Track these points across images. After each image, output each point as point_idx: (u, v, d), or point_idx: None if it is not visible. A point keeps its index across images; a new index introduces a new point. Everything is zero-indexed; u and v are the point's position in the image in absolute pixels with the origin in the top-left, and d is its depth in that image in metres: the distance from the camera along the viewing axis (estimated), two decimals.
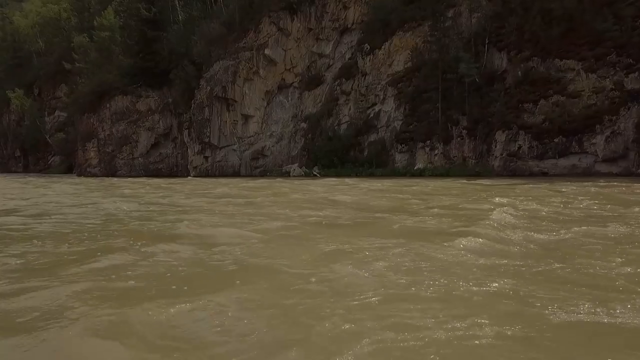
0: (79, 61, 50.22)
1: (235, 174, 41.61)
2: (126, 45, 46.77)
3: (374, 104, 39.12)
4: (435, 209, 10.58)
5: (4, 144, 77.76)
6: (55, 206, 13.43)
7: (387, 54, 38.70)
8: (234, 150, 41.85)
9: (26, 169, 72.00)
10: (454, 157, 33.57)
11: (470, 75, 32.15)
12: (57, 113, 69.82)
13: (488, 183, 21.89)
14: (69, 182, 33.63)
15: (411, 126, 35.97)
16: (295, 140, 41.52)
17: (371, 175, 35.85)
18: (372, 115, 38.97)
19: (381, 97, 38.61)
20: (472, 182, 22.78)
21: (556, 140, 28.74)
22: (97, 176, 45.02)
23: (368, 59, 39.66)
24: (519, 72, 31.49)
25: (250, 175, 41.36)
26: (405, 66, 37.83)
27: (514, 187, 18.40)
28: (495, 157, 31.48)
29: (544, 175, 28.43)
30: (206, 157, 41.96)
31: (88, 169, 45.95)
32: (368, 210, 10.85)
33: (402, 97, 37.12)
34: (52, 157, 68.35)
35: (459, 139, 33.45)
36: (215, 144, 41.41)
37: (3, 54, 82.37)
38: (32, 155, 72.22)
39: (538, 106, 29.90)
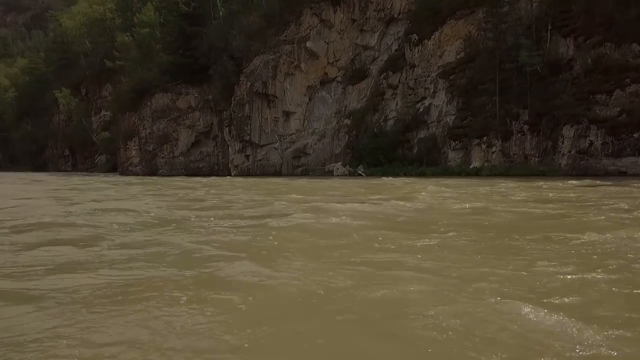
0: (119, 59, 50.05)
1: (277, 173, 40.00)
2: (166, 42, 46.09)
3: (424, 98, 36.53)
4: None
5: (54, 143, 79.62)
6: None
7: (437, 44, 36.00)
8: (275, 148, 40.23)
9: (74, 168, 73.33)
10: (514, 154, 30.60)
11: (532, 64, 29.08)
12: (102, 112, 70.61)
13: (609, 184, 17.72)
14: (116, 182, 32.66)
15: (465, 121, 33.18)
16: (338, 138, 39.47)
17: (422, 174, 33.31)
18: (421, 109, 36.39)
19: (431, 90, 35.97)
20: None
21: (635, 135, 25.38)
22: (139, 175, 44.50)
23: (416, 50, 37.08)
24: (589, 60, 28.16)
25: (292, 174, 39.61)
26: (458, 57, 35.04)
27: None
28: (562, 154, 28.33)
29: (622, 175, 25.13)
30: (247, 156, 40.57)
31: (130, 168, 45.59)
32: None
33: (454, 89, 34.37)
34: (98, 155, 69.22)
35: (519, 134, 30.44)
36: (256, 142, 39.93)
37: (53, 55, 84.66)
38: (79, 154, 73.50)
39: (613, 97, 26.56)
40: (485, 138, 31.72)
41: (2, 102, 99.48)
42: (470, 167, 31.63)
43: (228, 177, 36.86)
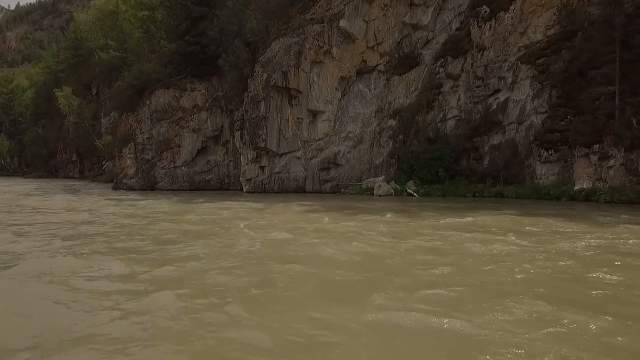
0: (114, 49, 42.32)
1: (299, 189, 31.13)
2: (169, 27, 37.95)
3: (497, 91, 27.03)
4: None
5: (63, 147, 73.35)
6: None
7: (517, 18, 26.41)
8: (298, 158, 31.34)
9: (82, 175, 66.70)
10: None
11: None
12: (112, 114, 63.48)
13: None
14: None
15: (563, 122, 23.47)
16: (379, 144, 30.30)
17: (499, 195, 23.95)
18: (494, 106, 26.88)
19: (509, 80, 26.40)
20: None
21: None
22: (134, 189, 36.49)
23: (487, 27, 27.59)
24: None
25: (319, 191, 30.69)
26: (548, 33, 25.40)
27: None
28: None
29: None
30: (262, 167, 31.82)
31: (124, 180, 37.57)
32: None
33: (545, 78, 24.69)
34: (105, 162, 62.08)
35: None
36: (274, 149, 31.13)
37: (67, 53, 78.83)
38: (87, 160, 66.70)
39: None
40: (597, 146, 21.88)
41: (19, 104, 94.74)
42: (576, 188, 21.85)
43: (237, 200, 28.21)
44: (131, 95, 38.64)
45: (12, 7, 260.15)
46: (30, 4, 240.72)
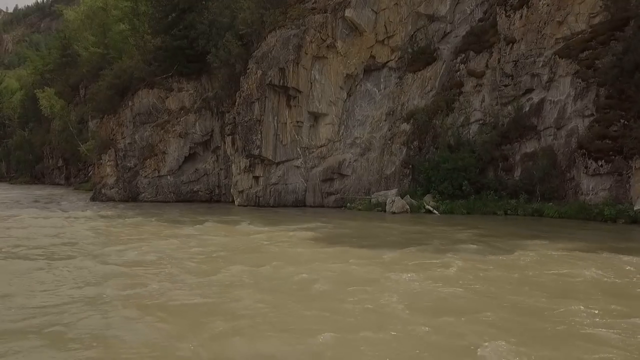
0: (95, 45, 38.57)
1: (299, 202, 27.22)
2: (153, 20, 34.12)
3: (530, 90, 23.19)
4: None
5: (49, 152, 69.48)
6: None
7: (555, 5, 22.61)
8: (297, 167, 27.43)
9: (68, 181, 62.83)
10: None
11: None
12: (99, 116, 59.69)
13: None
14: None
15: (616, 127, 19.61)
16: (391, 152, 26.40)
17: (537, 213, 20.11)
18: (527, 108, 23.02)
19: (544, 77, 22.55)
20: None
21: None
22: (114, 200, 32.63)
23: (517, 16, 23.78)
24: None
25: (321, 205, 26.79)
26: (593, 22, 21.58)
27: None
28: None
29: None
30: (256, 178, 27.91)
31: (103, 190, 33.65)
32: None
33: (590, 75, 20.84)
34: (92, 168, 58.21)
35: None
36: (270, 157, 27.22)
37: (55, 53, 75.30)
38: (73, 166, 62.78)
39: None
40: None
41: (8, 107, 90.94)
42: (637, 208, 17.93)
43: (228, 216, 24.33)
44: (112, 95, 34.85)
45: (10, 10, 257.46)
46: (28, 6, 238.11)
